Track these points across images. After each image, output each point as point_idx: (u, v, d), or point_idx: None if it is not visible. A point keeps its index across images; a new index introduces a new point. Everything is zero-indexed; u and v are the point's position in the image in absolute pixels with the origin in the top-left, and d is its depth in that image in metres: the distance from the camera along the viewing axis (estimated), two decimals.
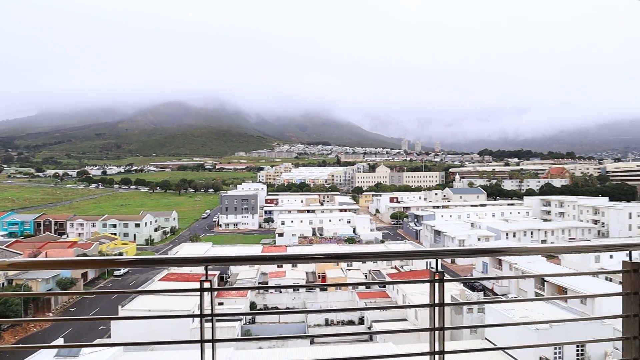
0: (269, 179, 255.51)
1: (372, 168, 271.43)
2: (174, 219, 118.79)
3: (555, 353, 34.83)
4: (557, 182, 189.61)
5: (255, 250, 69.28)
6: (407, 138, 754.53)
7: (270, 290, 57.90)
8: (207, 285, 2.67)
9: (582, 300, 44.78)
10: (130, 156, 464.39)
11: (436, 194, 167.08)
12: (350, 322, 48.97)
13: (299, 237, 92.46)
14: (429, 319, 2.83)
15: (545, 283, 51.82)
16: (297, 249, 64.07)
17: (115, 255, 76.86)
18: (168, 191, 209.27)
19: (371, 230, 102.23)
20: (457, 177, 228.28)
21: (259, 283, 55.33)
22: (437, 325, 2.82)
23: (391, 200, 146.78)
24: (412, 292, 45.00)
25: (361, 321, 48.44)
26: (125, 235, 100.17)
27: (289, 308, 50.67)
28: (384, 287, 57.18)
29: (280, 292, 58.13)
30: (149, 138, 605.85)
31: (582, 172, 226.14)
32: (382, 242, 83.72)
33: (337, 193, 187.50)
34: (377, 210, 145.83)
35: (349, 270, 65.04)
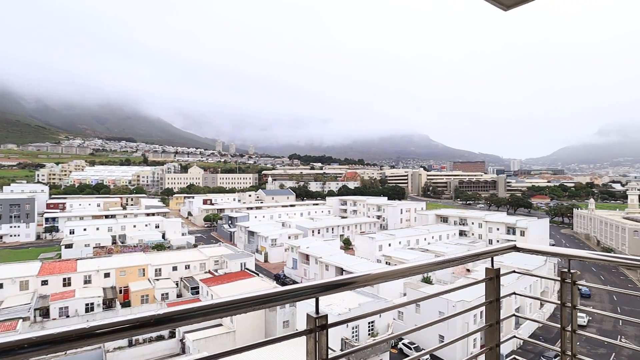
0: (53, 178, 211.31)
1: (185, 169, 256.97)
2: None
3: (352, 332, 40.25)
4: (352, 185, 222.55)
5: (31, 268, 54.98)
6: (221, 139, 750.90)
7: (52, 316, 47.05)
8: None
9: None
10: None
11: (250, 196, 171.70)
12: (160, 338, 44.29)
13: (94, 248, 78.92)
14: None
15: (344, 272, 59.23)
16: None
17: None
18: None
19: (183, 234, 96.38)
20: (270, 179, 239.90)
21: (35, 310, 44.16)
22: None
23: (205, 202, 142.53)
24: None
25: (172, 334, 44.42)
26: None
27: None
28: (197, 292, 54.23)
29: (68, 316, 47.88)
30: None
31: (369, 176, 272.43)
32: (195, 246, 79.60)
33: (144, 195, 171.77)
34: (190, 213, 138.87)
35: (157, 280, 59.15)
